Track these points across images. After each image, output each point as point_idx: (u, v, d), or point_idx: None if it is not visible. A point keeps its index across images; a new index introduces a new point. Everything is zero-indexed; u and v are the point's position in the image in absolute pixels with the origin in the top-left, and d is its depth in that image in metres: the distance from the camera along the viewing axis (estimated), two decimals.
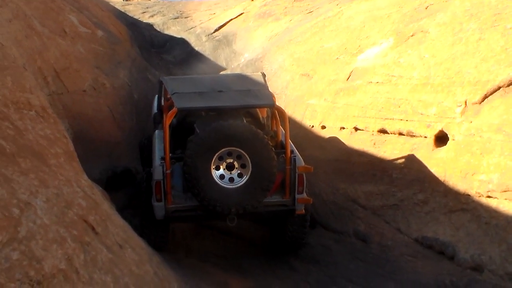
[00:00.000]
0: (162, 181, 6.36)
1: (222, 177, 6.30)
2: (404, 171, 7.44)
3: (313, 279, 6.71)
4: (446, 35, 8.16)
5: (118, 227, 4.01)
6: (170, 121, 6.50)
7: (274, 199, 6.62)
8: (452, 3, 8.83)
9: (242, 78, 7.99)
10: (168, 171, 6.36)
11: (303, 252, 7.51)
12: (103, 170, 8.68)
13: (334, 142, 9.05)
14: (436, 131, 7.16)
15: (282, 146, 6.96)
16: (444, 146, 6.99)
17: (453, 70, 7.44)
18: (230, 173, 6.33)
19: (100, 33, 13.56)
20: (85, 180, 4.16)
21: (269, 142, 6.37)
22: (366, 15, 11.33)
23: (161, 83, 8.45)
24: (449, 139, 6.93)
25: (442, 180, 6.75)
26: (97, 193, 4.23)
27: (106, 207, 4.22)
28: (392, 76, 8.49)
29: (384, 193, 7.59)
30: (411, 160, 7.40)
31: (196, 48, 19.24)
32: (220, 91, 6.93)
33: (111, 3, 22.75)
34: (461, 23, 8.12)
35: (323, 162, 8.97)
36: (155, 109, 9.25)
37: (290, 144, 6.80)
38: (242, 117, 7.28)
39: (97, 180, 7.45)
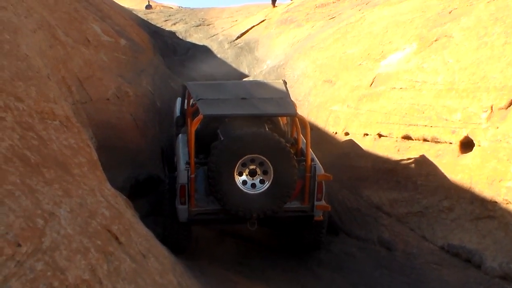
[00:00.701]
0: (186, 185, 6.60)
1: (244, 183, 6.54)
2: (429, 178, 7.34)
3: (336, 287, 6.66)
4: (470, 40, 8.05)
5: (141, 236, 4.01)
6: (195, 127, 6.69)
7: (293, 205, 6.81)
8: (476, 7, 8.72)
9: (263, 85, 8.12)
10: (193, 176, 6.59)
11: (327, 260, 7.48)
12: (126, 178, 8.72)
13: (357, 148, 8.99)
14: (461, 137, 7.05)
15: (302, 154, 7.15)
16: (470, 152, 6.88)
17: (478, 75, 7.33)
18: (253, 179, 6.56)
19: (123, 41, 13.67)
20: (108, 189, 4.17)
21: (291, 150, 6.58)
22: (389, 20, 11.25)
23: (185, 88, 8.63)
24: (475, 145, 6.82)
25: (468, 187, 6.65)
26: (120, 202, 4.24)
27: (129, 216, 4.22)
28: (415, 81, 8.41)
29: (408, 200, 7.51)
30: (436, 166, 7.30)
31: (219, 55, 19.29)
32: (243, 98, 7.09)
33: (133, 12, 22.96)
34: (486, 27, 8.01)
35: (347, 169, 8.93)
36: (177, 113, 9.51)
37: (311, 152, 6.96)
38: (265, 124, 7.47)
39: (120, 188, 7.48)
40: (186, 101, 8.78)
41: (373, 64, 10.06)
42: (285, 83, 7.91)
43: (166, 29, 21.93)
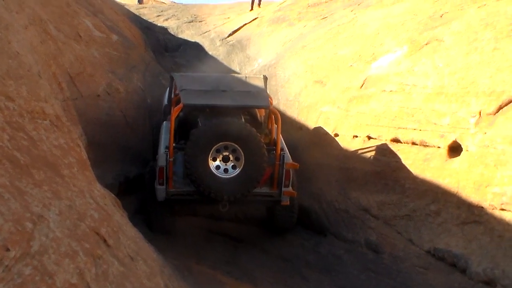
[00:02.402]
0: (165, 167, 7.30)
1: (218, 167, 7.26)
2: (416, 181, 7.39)
3: None
4: (461, 44, 8.10)
5: (130, 239, 4.02)
6: (176, 115, 7.50)
7: (263, 190, 7.55)
8: (467, 11, 8.77)
9: (244, 80, 8.72)
10: (171, 159, 7.32)
11: (315, 261, 7.52)
12: (116, 175, 8.73)
13: (346, 150, 9.03)
14: (449, 142, 7.09)
15: (275, 144, 7.70)
16: (458, 157, 6.92)
17: (467, 80, 7.37)
18: (225, 164, 7.28)
19: (114, 37, 13.63)
20: (97, 190, 4.17)
21: (261, 139, 7.30)
22: (381, 22, 11.29)
23: (172, 78, 9.23)
24: (463, 149, 6.86)
25: (455, 191, 6.70)
26: (109, 203, 4.23)
27: (118, 217, 4.22)
28: (406, 84, 8.45)
29: (396, 203, 7.56)
30: (424, 170, 7.35)
31: (210, 53, 19.28)
32: (223, 91, 7.79)
33: (125, 7, 22.87)
34: (476, 32, 8.06)
35: (335, 170, 8.97)
36: (165, 102, 10.17)
37: (281, 142, 7.75)
38: (241, 115, 8.08)
39: (109, 185, 7.50)
40: (173, 91, 9.39)
41: (364, 65, 10.09)
42: (265, 78, 8.65)
43: (158, 24, 21.92)
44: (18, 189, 2.96)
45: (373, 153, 8.40)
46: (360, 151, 8.69)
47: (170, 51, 19.54)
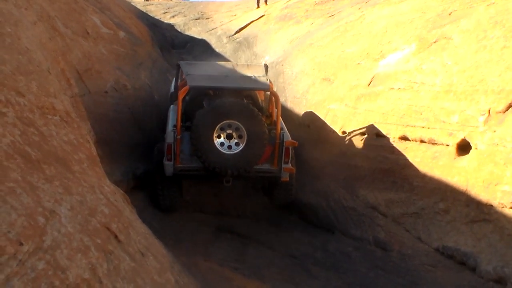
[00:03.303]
0: (172, 144, 7.90)
1: (222, 144, 7.80)
2: (425, 179, 7.37)
3: (332, 287, 6.69)
4: (469, 42, 8.06)
5: (140, 234, 4.02)
6: (183, 96, 8.00)
7: (264, 167, 8.16)
8: (476, 9, 8.73)
9: (246, 67, 9.08)
10: (178, 137, 7.92)
11: (323, 259, 7.51)
12: (124, 172, 8.72)
13: (354, 147, 9.01)
14: (458, 140, 7.07)
15: (275, 125, 8.28)
16: (467, 155, 6.90)
17: (476, 78, 7.34)
18: (229, 141, 7.82)
19: (122, 34, 13.63)
20: (107, 186, 4.17)
21: (263, 118, 7.86)
22: (388, 20, 11.24)
23: (178, 66, 9.78)
24: (472, 148, 6.83)
25: (464, 190, 6.68)
26: (119, 199, 4.24)
27: (128, 213, 4.23)
28: (414, 82, 8.42)
29: (404, 201, 7.54)
30: (432, 168, 7.33)
31: (217, 50, 19.26)
32: (226, 76, 8.36)
33: (132, 3, 22.87)
34: (485, 30, 8.01)
35: (343, 168, 8.96)
36: (172, 89, 10.67)
37: (281, 122, 8.37)
38: (243, 97, 8.56)
39: (118, 181, 7.51)
40: (179, 78, 9.93)
41: (372, 63, 10.06)
42: (266, 66, 9.09)
43: (165, 21, 21.91)
44: (30, 184, 2.97)
45: (381, 150, 8.37)
46: (368, 149, 8.66)
47: (177, 48, 19.52)
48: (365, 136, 8.92)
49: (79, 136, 4.39)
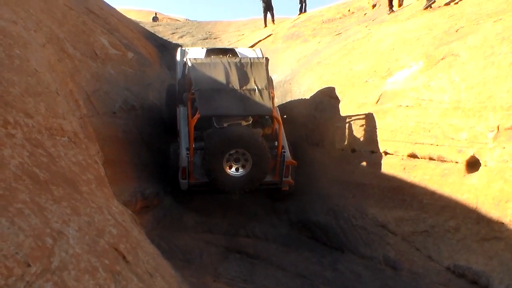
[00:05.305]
0: (187, 167, 8.87)
1: (230, 167, 8.72)
2: (434, 196, 7.33)
3: None
4: (477, 59, 8.04)
5: (148, 255, 4.00)
6: (194, 123, 8.73)
7: (267, 179, 9.07)
8: (483, 26, 8.73)
9: (249, 67, 9.54)
10: (191, 159, 8.84)
11: (333, 278, 7.45)
12: (132, 192, 8.73)
13: (363, 166, 8.98)
14: (467, 157, 7.04)
15: (277, 135, 9.39)
16: (476, 172, 6.86)
17: (484, 95, 7.31)
18: (236, 164, 8.73)
19: (130, 55, 13.72)
20: (115, 207, 4.17)
21: (267, 146, 8.70)
22: (395, 37, 11.26)
23: (183, 53, 12.54)
24: (481, 165, 6.80)
25: (474, 207, 6.63)
26: (127, 220, 4.23)
27: (136, 233, 4.22)
28: (422, 99, 8.41)
29: (414, 219, 7.49)
30: (441, 185, 7.29)
31: None
32: (232, 89, 9.04)
33: (140, 24, 23.05)
34: (492, 46, 8.00)
35: (352, 186, 8.92)
36: (178, 76, 11.83)
37: (283, 141, 9.35)
38: (250, 118, 9.41)
39: (126, 202, 7.52)
40: (185, 74, 10.67)
41: (380, 81, 10.06)
42: (267, 60, 9.77)
43: (173, 42, 22.02)
44: (38, 205, 2.97)
45: (390, 168, 8.35)
46: (377, 167, 8.64)
47: None
48: (374, 154, 8.90)
49: (87, 157, 4.40)
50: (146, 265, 3.74)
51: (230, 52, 12.94)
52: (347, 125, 9.98)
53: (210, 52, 12.75)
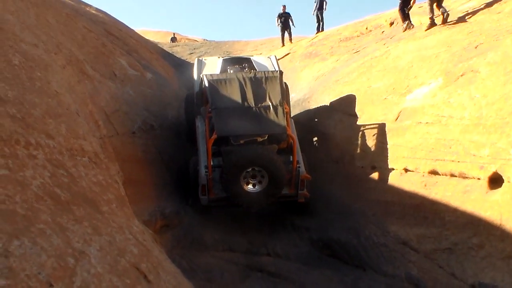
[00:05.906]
0: (206, 184, 9.23)
1: (247, 183, 9.12)
2: (456, 213, 7.24)
3: None
4: (497, 75, 7.98)
5: (169, 274, 3.99)
6: (212, 143, 9.19)
7: (284, 192, 9.36)
8: (503, 42, 8.68)
9: (263, 86, 9.77)
10: (210, 177, 9.22)
11: None
12: (152, 212, 8.75)
13: (384, 183, 8.93)
14: (490, 173, 6.94)
15: (291, 148, 9.64)
16: (499, 188, 6.76)
17: (506, 110, 7.24)
18: (253, 180, 9.14)
19: (148, 75, 13.84)
20: (136, 226, 4.17)
21: (282, 164, 9.04)
22: (414, 54, 11.23)
23: (200, 65, 13.09)
24: (504, 181, 6.70)
25: (498, 224, 6.52)
26: (148, 239, 4.23)
27: (157, 253, 4.21)
28: (442, 116, 8.35)
29: (436, 236, 7.40)
30: (464, 202, 7.20)
31: None
32: (249, 108, 9.37)
33: (159, 45, 23.25)
34: None
35: (373, 203, 8.86)
36: (196, 88, 11.97)
37: (299, 156, 9.66)
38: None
39: (147, 221, 7.52)
40: (202, 89, 10.72)
41: (399, 98, 10.02)
42: (281, 74, 10.07)
43: (191, 62, 22.16)
44: (60, 225, 2.97)
45: (410, 185, 8.28)
46: (397, 184, 8.57)
47: None
48: (394, 171, 8.84)
49: (107, 177, 4.41)
50: (167, 284, 3.72)
51: (246, 61, 13.11)
52: (367, 142, 9.94)
53: (226, 62, 13.03)
